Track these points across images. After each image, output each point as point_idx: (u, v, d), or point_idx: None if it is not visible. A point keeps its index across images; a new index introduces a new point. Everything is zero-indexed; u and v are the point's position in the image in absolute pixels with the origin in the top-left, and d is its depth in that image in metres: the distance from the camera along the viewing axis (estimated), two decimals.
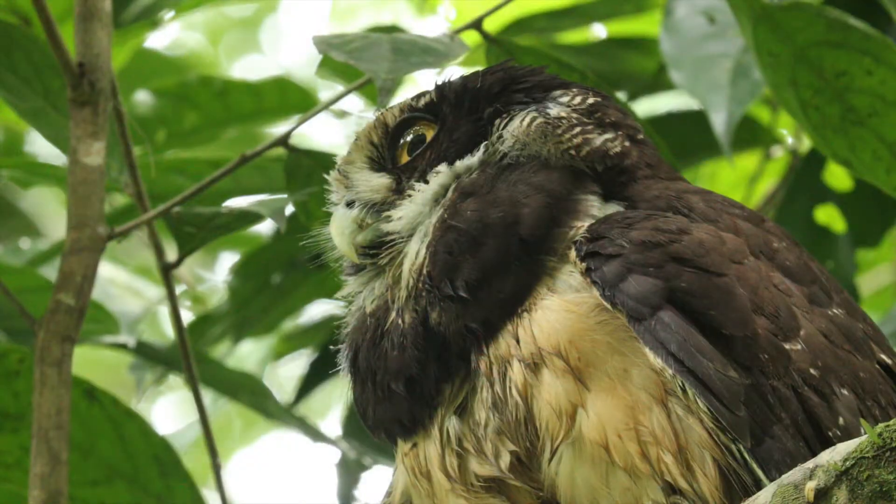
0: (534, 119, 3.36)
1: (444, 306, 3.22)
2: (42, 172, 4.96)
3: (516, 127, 3.36)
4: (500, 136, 3.37)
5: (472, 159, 3.36)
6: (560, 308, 3.18)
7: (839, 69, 4.21)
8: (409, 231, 3.34)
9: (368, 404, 3.31)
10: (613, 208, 3.32)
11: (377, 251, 3.36)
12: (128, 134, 4.24)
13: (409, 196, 3.36)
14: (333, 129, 7.38)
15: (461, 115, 3.40)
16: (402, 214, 3.35)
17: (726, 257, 3.20)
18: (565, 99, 3.40)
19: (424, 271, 3.25)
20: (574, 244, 3.22)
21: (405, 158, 3.42)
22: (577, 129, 3.36)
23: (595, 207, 3.31)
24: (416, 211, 3.34)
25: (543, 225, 3.24)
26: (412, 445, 3.30)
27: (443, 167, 3.36)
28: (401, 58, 3.94)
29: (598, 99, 3.43)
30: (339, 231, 3.39)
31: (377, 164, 3.43)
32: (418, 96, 3.45)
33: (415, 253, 3.29)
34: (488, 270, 3.22)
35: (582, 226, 3.24)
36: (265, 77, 5.57)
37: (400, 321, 3.26)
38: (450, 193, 3.32)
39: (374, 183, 3.40)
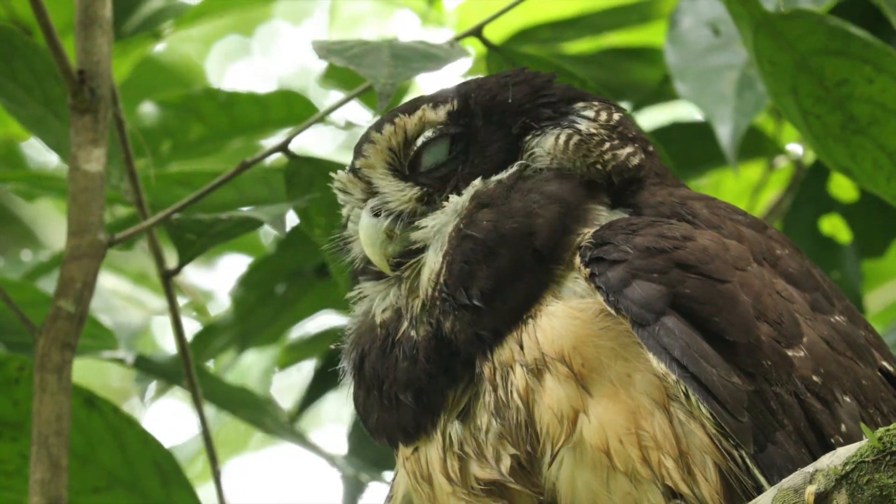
0: (570, 137, 3.36)
1: (458, 315, 3.22)
2: (45, 185, 4.98)
3: (551, 144, 3.35)
4: (533, 153, 3.36)
5: (506, 175, 3.34)
6: (564, 314, 3.19)
7: (840, 77, 4.20)
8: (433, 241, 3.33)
9: (372, 411, 3.31)
10: (619, 215, 3.32)
11: (403, 261, 3.34)
12: (128, 141, 4.25)
13: (443, 207, 3.34)
14: (334, 138, 7.40)
15: (491, 128, 3.38)
16: (434, 224, 3.34)
17: (730, 264, 3.21)
18: (590, 113, 3.40)
19: (441, 280, 3.24)
20: (578, 250, 3.23)
21: (424, 166, 3.39)
22: (607, 145, 3.37)
23: (603, 216, 3.31)
24: (448, 222, 3.33)
25: (556, 236, 3.24)
26: (413, 450, 3.30)
27: (478, 182, 3.34)
28: (401, 63, 3.94)
29: (620, 114, 3.44)
30: (371, 242, 3.34)
31: (399, 172, 3.39)
32: (436, 103, 3.41)
33: (432, 262, 3.28)
34: (502, 280, 3.22)
35: (588, 232, 3.25)
36: (271, 90, 5.57)
37: (413, 332, 3.26)
38: (466, 203, 3.31)
39: (404, 193, 3.37)
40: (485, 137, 3.38)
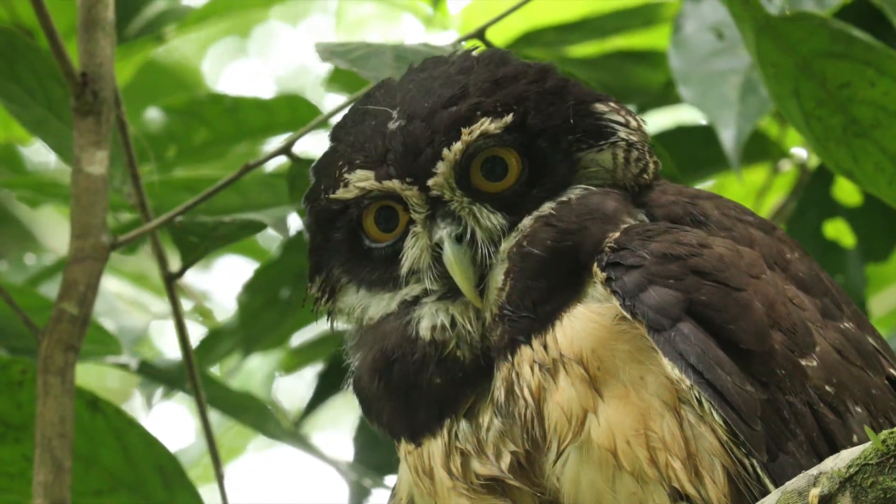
0: (628, 153, 3.36)
1: (508, 326, 3.23)
2: (49, 191, 4.98)
3: (610, 162, 3.35)
4: (591, 171, 3.35)
5: (574, 197, 3.32)
6: (584, 317, 3.20)
7: (842, 80, 4.20)
8: None
9: (384, 408, 3.31)
10: (640, 218, 3.32)
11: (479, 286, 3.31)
12: (130, 144, 4.25)
13: (516, 230, 3.30)
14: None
15: (553, 148, 3.35)
16: (504, 248, 3.30)
17: (744, 272, 3.21)
18: (619, 118, 3.39)
19: (504, 297, 3.24)
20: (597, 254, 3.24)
21: (480, 180, 3.34)
22: (646, 152, 3.40)
23: (629, 221, 3.31)
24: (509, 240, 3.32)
25: (597, 250, 3.24)
26: (417, 445, 3.30)
27: (547, 207, 3.30)
28: (404, 65, 3.93)
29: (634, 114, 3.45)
30: (466, 275, 3.28)
31: (467, 188, 3.32)
32: (492, 114, 3.32)
33: (497, 281, 3.26)
34: (551, 291, 3.22)
35: (612, 237, 3.25)
36: (275, 95, 5.58)
37: (459, 353, 3.26)
38: (531, 222, 3.29)
39: (491, 223, 3.31)
40: (549, 159, 3.34)
